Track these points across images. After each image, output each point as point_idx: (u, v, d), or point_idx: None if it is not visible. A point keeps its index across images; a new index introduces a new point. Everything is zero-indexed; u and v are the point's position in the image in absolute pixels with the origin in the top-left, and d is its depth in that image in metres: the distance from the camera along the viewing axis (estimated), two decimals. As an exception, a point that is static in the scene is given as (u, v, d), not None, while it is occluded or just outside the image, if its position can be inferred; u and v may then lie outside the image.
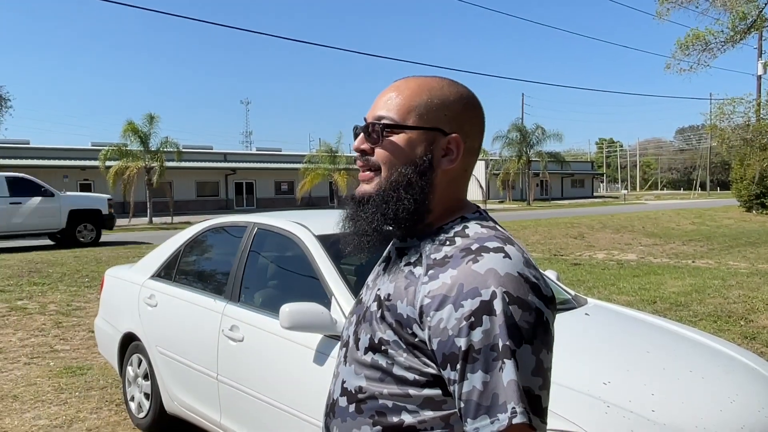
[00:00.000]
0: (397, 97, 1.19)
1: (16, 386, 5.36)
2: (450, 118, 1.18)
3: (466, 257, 1.07)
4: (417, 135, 1.17)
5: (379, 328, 1.14)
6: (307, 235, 3.38)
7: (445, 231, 1.17)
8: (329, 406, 1.25)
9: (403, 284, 1.13)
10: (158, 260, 4.50)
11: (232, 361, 3.46)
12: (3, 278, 11.52)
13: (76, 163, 37.21)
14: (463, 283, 1.03)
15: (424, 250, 1.15)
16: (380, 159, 1.19)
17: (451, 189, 1.20)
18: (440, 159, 1.17)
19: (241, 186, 44.90)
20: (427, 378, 1.08)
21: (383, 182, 1.18)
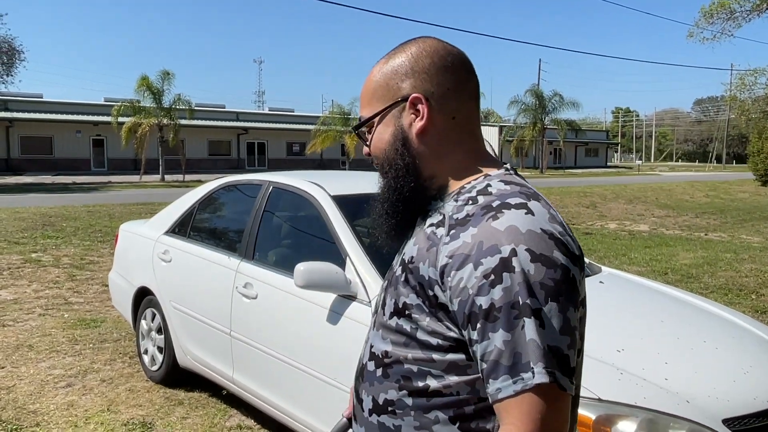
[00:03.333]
0: (363, 90, 1.22)
1: (32, 336, 5.45)
2: (403, 81, 1.15)
3: (486, 214, 1.03)
4: (386, 118, 1.17)
5: (403, 292, 1.12)
6: (322, 195, 3.37)
7: (468, 190, 1.13)
8: (359, 370, 1.24)
9: (425, 246, 1.11)
10: (173, 216, 4.51)
11: (245, 317, 3.49)
12: (17, 230, 11.65)
13: (89, 119, 37.21)
14: (483, 240, 1.00)
15: (447, 210, 1.12)
16: (374, 155, 1.22)
17: (450, 143, 1.16)
18: (411, 125, 1.15)
19: (253, 146, 44.82)
20: (450, 342, 1.05)
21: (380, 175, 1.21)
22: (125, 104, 29.73)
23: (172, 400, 4.15)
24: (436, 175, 1.16)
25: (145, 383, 4.43)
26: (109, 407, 4.01)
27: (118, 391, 4.29)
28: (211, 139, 42.66)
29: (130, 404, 4.07)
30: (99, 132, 37.47)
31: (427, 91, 1.14)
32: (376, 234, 1.24)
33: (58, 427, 3.73)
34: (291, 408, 3.19)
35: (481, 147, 1.20)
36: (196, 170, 36.59)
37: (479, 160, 1.18)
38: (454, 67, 1.17)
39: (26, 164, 35.53)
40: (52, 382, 4.41)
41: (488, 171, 1.16)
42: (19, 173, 33.53)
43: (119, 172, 36.25)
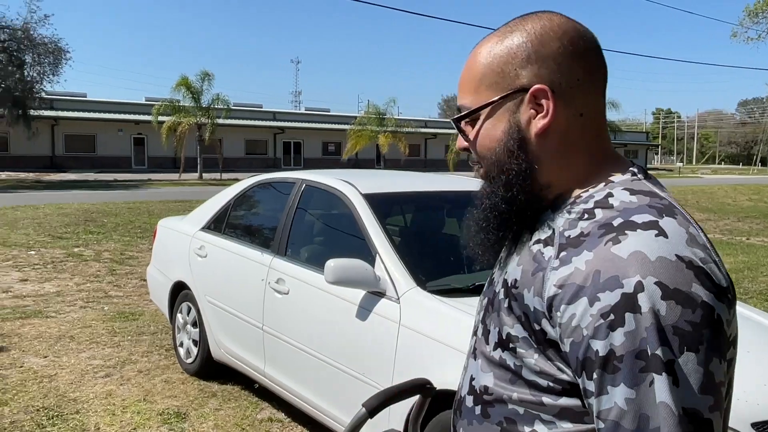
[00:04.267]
0: (465, 74, 1.01)
1: (73, 327, 5.63)
2: (523, 68, 0.94)
3: (605, 236, 0.84)
4: (498, 110, 0.96)
5: (507, 321, 0.95)
6: (354, 193, 3.42)
7: (584, 201, 0.93)
8: (457, 402, 1.09)
9: (530, 268, 0.93)
10: (209, 213, 4.62)
11: (277, 312, 3.56)
12: (61, 225, 12.01)
13: (130, 117, 38.07)
14: (600, 269, 0.81)
15: (558, 225, 0.93)
16: (476, 154, 1.02)
17: (572, 145, 0.95)
18: (531, 122, 0.94)
19: (289, 145, 45.26)
20: (563, 386, 0.88)
21: (483, 177, 1.02)
22: (165, 104, 30.35)
23: (205, 392, 4.26)
24: (552, 183, 0.96)
25: (181, 375, 4.55)
26: (146, 397, 4.13)
27: (155, 382, 4.41)
28: (248, 138, 43.22)
29: (166, 395, 4.19)
30: (140, 131, 38.30)
31: (553, 83, 0.93)
32: (472, 248, 1.06)
33: (97, 414, 3.86)
34: (320, 402, 3.25)
35: (608, 147, 0.99)
36: (233, 169, 37.11)
37: (604, 164, 0.97)
38: (587, 52, 0.96)
39: (70, 161, 36.52)
40: (91, 372, 4.56)
41: (612, 174, 0.96)
42: (63, 170, 34.49)
43: (159, 169, 36.99)
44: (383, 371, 2.78)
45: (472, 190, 3.93)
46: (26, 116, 27.64)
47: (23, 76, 27.33)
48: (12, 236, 10.68)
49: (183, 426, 3.74)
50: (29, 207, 14.86)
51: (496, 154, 0.97)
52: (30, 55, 27.54)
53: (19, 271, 8.01)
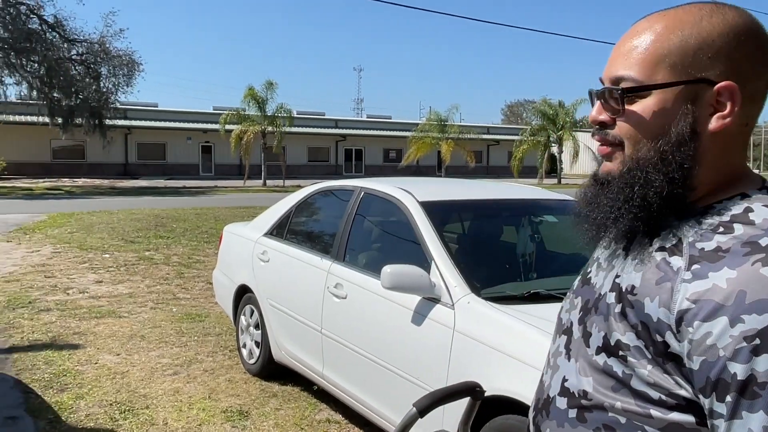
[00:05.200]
0: (639, 45, 0.92)
1: (144, 327, 5.91)
2: (717, 59, 0.88)
3: (752, 255, 0.80)
4: (671, 93, 0.90)
5: (617, 327, 0.91)
6: (411, 201, 3.49)
7: (717, 212, 0.89)
8: (542, 401, 1.05)
9: (654, 276, 0.88)
10: (271, 219, 4.78)
11: (335, 316, 3.66)
12: (133, 230, 12.56)
13: (198, 126, 39.41)
14: (746, 290, 0.78)
15: (686, 234, 0.89)
16: (622, 133, 0.94)
17: (726, 154, 0.91)
18: (707, 118, 0.89)
19: (351, 152, 45.79)
20: (678, 401, 0.84)
21: (627, 160, 0.94)
22: (231, 113, 31.27)
23: (267, 392, 4.40)
24: (699, 185, 0.92)
25: (243, 375, 4.71)
26: (210, 395, 4.31)
27: (219, 381, 4.59)
28: (311, 145, 43.99)
29: (229, 393, 4.35)
30: (207, 139, 39.58)
31: (742, 86, 0.88)
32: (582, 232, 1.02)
33: (165, 410, 4.05)
34: (377, 405, 3.32)
35: (745, 160, 0.96)
36: (296, 176, 37.85)
37: (740, 176, 0.94)
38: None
39: (142, 169, 38.09)
40: (160, 370, 4.78)
41: (745, 187, 0.92)
42: (135, 177, 35.99)
43: (225, 176, 38.11)
44: (437, 375, 2.83)
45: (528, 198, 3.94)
46: (102, 126, 29.00)
47: (99, 87, 28.73)
48: (88, 240, 11.26)
49: (245, 424, 3.88)
50: (104, 212, 15.61)
51: (661, 141, 0.90)
52: (106, 68, 28.95)
53: (94, 273, 8.44)
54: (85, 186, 29.12)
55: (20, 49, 25.90)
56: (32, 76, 26.84)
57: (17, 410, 4.01)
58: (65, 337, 5.54)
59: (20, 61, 26.32)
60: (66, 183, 30.52)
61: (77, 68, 28.47)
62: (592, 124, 0.98)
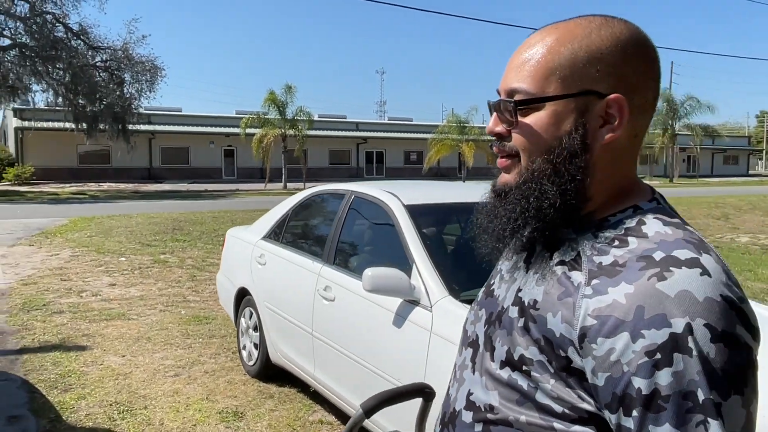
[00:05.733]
0: (531, 58, 0.93)
1: (151, 329, 6.02)
2: (606, 72, 0.90)
3: (647, 270, 0.82)
4: (563, 106, 0.91)
5: (520, 341, 0.92)
6: (396, 204, 3.53)
7: (612, 225, 0.91)
8: (448, 414, 1.05)
9: (555, 291, 0.90)
10: (269, 223, 4.85)
11: (325, 318, 3.71)
12: (151, 234, 12.77)
13: (221, 130, 39.84)
14: (644, 306, 0.79)
15: (584, 248, 0.91)
16: (518, 145, 0.95)
17: (617, 165, 0.93)
18: (597, 130, 0.91)
19: (372, 155, 45.89)
20: (580, 414, 0.85)
21: (523, 172, 0.94)
22: (252, 117, 31.58)
23: (264, 393, 4.46)
24: (593, 197, 0.93)
25: (243, 376, 4.79)
26: (208, 396, 4.39)
27: (218, 382, 4.67)
28: (332, 148, 44.18)
29: (227, 395, 4.43)
30: (230, 143, 39.98)
31: (630, 98, 0.91)
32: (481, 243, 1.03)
33: (163, 410, 4.14)
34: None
35: (635, 171, 0.98)
36: (318, 179, 38.00)
37: (632, 188, 0.96)
38: (658, 73, 0.95)
39: (165, 173, 38.62)
40: (162, 371, 4.88)
41: (637, 199, 0.94)
42: (159, 181, 36.51)
43: (247, 180, 38.46)
44: (416, 377, 2.86)
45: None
46: (125, 131, 29.49)
47: (123, 93, 29.21)
48: (106, 244, 11.48)
49: (239, 425, 3.95)
50: (123, 216, 15.88)
51: (553, 153, 0.91)
52: (129, 74, 29.41)
53: (109, 276, 8.61)
54: (110, 190, 29.64)
55: (46, 56, 26.47)
56: (57, 83, 27.40)
57: (21, 409, 4.13)
58: (74, 339, 5.67)
59: (46, 68, 26.90)
60: (92, 187, 31.09)
61: (101, 75, 29.00)
62: (489, 134, 0.99)
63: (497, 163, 1.01)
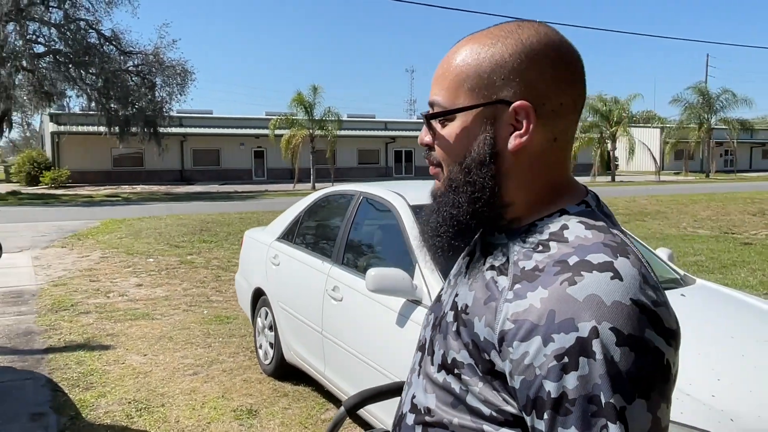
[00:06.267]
0: (446, 69, 0.96)
1: (173, 329, 6.15)
2: (510, 80, 0.90)
3: (560, 274, 0.83)
4: (472, 116, 0.93)
5: (453, 345, 0.94)
6: (401, 204, 3.55)
7: (539, 230, 0.92)
8: (397, 417, 1.08)
9: (482, 296, 0.92)
10: (283, 223, 4.92)
11: (333, 318, 3.76)
12: (179, 235, 13.00)
13: (250, 132, 40.30)
14: (555, 310, 0.80)
15: (512, 252, 0.92)
16: (438, 155, 0.98)
17: (538, 170, 0.93)
18: (507, 138, 0.91)
19: (401, 154, 45.90)
20: (506, 417, 0.88)
21: (445, 181, 0.97)
22: (281, 118, 31.88)
23: (278, 391, 4.53)
24: (514, 203, 0.94)
25: (259, 375, 4.86)
26: (224, 394, 4.47)
27: (235, 381, 4.75)
28: (361, 148, 44.33)
29: (242, 393, 4.50)
30: (260, 144, 40.43)
31: (538, 103, 0.91)
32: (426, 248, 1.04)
33: (179, 408, 4.23)
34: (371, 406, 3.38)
35: (567, 174, 0.98)
36: (346, 178, 38.19)
37: (562, 191, 0.96)
38: (575, 76, 0.94)
39: (197, 175, 39.22)
40: (181, 370, 4.98)
41: (567, 203, 0.95)
42: (191, 183, 37.09)
43: (277, 181, 38.83)
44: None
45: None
46: (156, 134, 30.03)
47: (154, 97, 29.78)
48: (135, 245, 11.72)
49: (252, 422, 4.01)
50: (153, 218, 16.19)
51: (465, 162, 0.93)
52: (160, 78, 29.95)
53: (136, 277, 8.80)
54: (143, 192, 30.22)
55: (79, 62, 27.12)
56: (91, 88, 28.04)
57: (43, 407, 4.26)
58: (99, 339, 5.82)
59: (79, 73, 27.55)
60: (125, 190, 31.75)
61: (133, 79, 29.59)
62: (421, 145, 1.02)
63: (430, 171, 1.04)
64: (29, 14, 26.65)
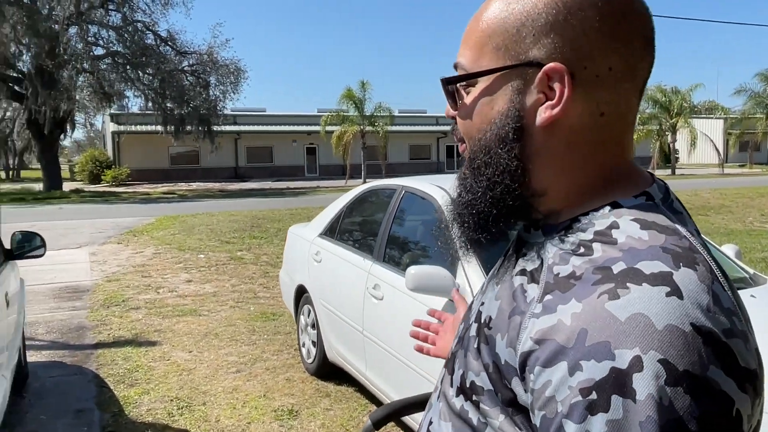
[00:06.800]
0: (473, 25, 0.79)
1: (219, 326, 6.14)
2: (542, 36, 0.72)
3: (600, 285, 0.64)
4: (496, 81, 0.75)
5: (473, 366, 0.77)
6: (445, 198, 3.38)
7: (582, 227, 0.72)
8: None
9: (508, 307, 0.74)
10: (325, 219, 4.81)
11: (374, 317, 3.62)
12: (230, 231, 13.13)
13: (303, 129, 40.64)
14: (588, 329, 0.61)
15: (547, 254, 0.74)
16: (461, 128, 0.82)
17: (579, 151, 0.74)
18: (536, 109, 0.73)
19: (452, 149, 45.47)
20: None
21: (465, 161, 0.81)
22: (331, 114, 32.01)
23: (321, 391, 4.43)
24: (548, 192, 0.76)
25: (302, 374, 4.77)
26: (266, 394, 4.39)
27: (278, 379, 4.67)
28: (412, 143, 44.14)
29: (284, 392, 4.42)
30: (312, 141, 40.72)
31: (575, 65, 0.71)
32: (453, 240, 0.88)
33: (220, 407, 4.17)
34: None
35: (625, 159, 0.77)
36: (398, 174, 38.10)
37: (616, 179, 0.75)
38: (632, 35, 0.73)
39: (251, 172, 39.81)
40: (225, 367, 4.94)
41: (621, 194, 0.74)
42: (245, 180, 37.67)
43: (328, 177, 39.05)
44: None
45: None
46: (210, 132, 30.58)
47: (208, 95, 30.31)
48: (187, 241, 11.89)
49: (293, 423, 3.92)
50: (206, 214, 16.44)
51: (485, 138, 0.76)
52: (214, 77, 30.47)
53: (187, 273, 8.89)
54: (198, 189, 30.83)
55: (137, 63, 27.85)
56: (148, 89, 28.75)
57: (88, 403, 4.28)
58: (146, 335, 5.85)
59: (137, 74, 28.29)
60: (181, 187, 32.46)
61: (188, 79, 30.18)
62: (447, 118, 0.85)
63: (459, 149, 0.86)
64: (89, 18, 27.51)
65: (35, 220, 15.47)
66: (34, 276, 7.98)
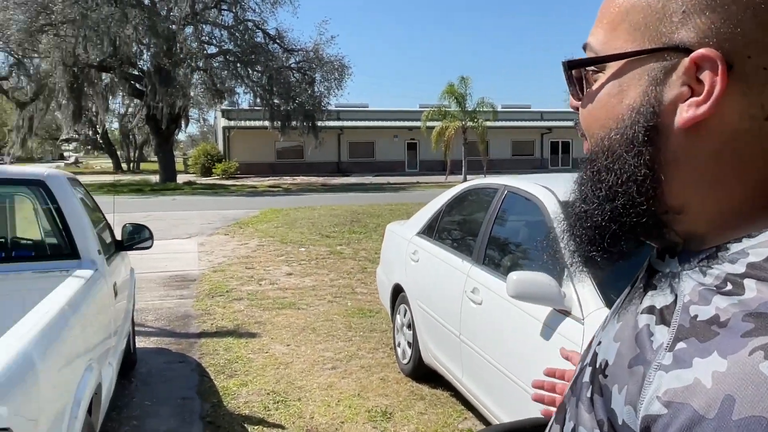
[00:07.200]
0: (607, 3, 0.64)
1: (317, 320, 6.18)
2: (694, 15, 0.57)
3: (754, 337, 0.50)
4: (629, 68, 0.61)
5: (585, 420, 0.64)
6: (550, 200, 3.17)
7: (731, 257, 0.57)
8: None
9: (629, 352, 0.60)
10: (424, 218, 4.70)
11: (471, 323, 3.47)
12: (330, 225, 13.32)
13: (404, 124, 40.78)
14: (735, 397, 0.48)
15: (683, 289, 0.59)
16: (582, 123, 0.67)
17: (729, 162, 0.58)
18: (677, 106, 0.58)
19: (557, 145, 44.14)
20: None
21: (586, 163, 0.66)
22: (433, 110, 31.86)
23: (415, 394, 4.33)
24: (687, 209, 0.61)
25: (397, 375, 4.69)
26: (360, 393, 4.35)
27: (372, 379, 4.62)
28: (515, 139, 43.22)
29: (379, 392, 4.35)
30: (412, 136, 40.79)
31: (736, 53, 0.55)
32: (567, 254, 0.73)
33: (315, 404, 4.17)
34: (506, 419, 3.07)
35: None
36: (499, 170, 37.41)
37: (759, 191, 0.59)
38: None
39: (352, 166, 40.43)
40: (321, 363, 4.95)
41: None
42: (347, 174, 38.32)
43: (429, 172, 38.97)
44: (563, 398, 2.52)
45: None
46: (314, 127, 31.29)
47: (313, 92, 31.01)
48: (289, 234, 12.17)
49: (386, 426, 3.84)
50: (308, 208, 16.80)
51: (608, 137, 0.62)
52: (319, 73, 31.13)
53: (288, 266, 9.07)
54: (302, 183, 31.66)
55: (246, 61, 28.94)
56: (256, 85, 29.80)
57: (190, 392, 4.40)
58: (247, 326, 5.99)
59: (246, 71, 29.39)
60: (286, 181, 33.46)
61: (294, 75, 31.02)
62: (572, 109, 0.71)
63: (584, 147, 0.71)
64: (204, 18, 28.84)
65: (151, 210, 16.41)
66: (148, 264, 8.40)
